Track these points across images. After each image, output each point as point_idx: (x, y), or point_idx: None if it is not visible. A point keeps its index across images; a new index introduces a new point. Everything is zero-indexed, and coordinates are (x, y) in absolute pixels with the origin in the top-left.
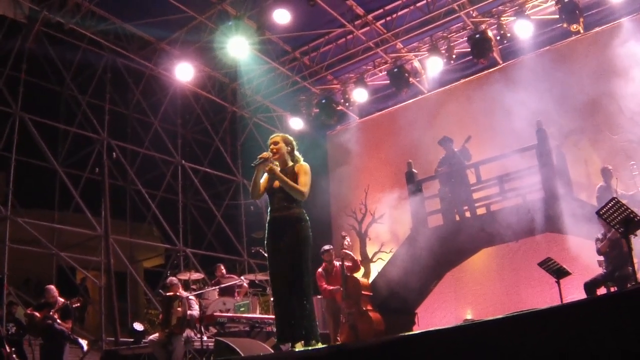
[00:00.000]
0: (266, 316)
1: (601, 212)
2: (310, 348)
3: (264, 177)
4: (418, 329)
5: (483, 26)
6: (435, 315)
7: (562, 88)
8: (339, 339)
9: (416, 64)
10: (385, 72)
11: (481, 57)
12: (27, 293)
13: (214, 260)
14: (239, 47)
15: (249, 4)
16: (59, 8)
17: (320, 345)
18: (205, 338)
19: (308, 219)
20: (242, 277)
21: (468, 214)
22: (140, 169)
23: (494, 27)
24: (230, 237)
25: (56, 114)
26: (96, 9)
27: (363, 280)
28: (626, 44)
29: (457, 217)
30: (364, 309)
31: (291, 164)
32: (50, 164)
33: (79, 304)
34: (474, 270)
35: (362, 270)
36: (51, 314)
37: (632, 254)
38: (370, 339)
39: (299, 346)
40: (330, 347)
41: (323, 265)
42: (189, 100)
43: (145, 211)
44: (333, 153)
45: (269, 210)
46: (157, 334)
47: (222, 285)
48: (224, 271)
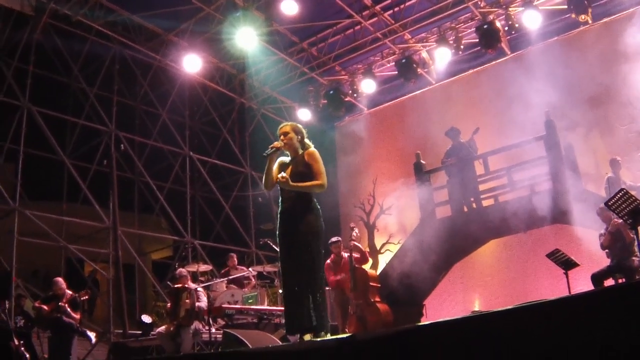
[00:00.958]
0: (274, 308)
1: (610, 203)
2: (319, 339)
3: (275, 167)
4: (426, 320)
5: (491, 17)
6: (443, 306)
7: (571, 79)
8: (347, 330)
9: (424, 54)
10: (393, 63)
11: (489, 47)
12: (36, 285)
13: (222, 252)
14: (246, 38)
15: None
16: (67, 0)
17: (329, 337)
18: (214, 330)
19: (320, 208)
20: (250, 269)
21: (474, 205)
22: (148, 161)
23: (502, 17)
24: (239, 229)
25: (64, 106)
26: (103, 1)
27: (371, 271)
28: (635, 35)
29: (465, 209)
30: (372, 300)
31: (301, 151)
32: (58, 156)
33: (87, 296)
34: (482, 262)
35: (370, 261)
36: (61, 306)
37: (634, 245)
38: (378, 330)
39: (307, 337)
40: (338, 339)
41: (331, 257)
42: (197, 91)
43: (153, 203)
44: (341, 144)
45: (280, 200)
46: (165, 326)
47: (230, 277)
48: (236, 261)
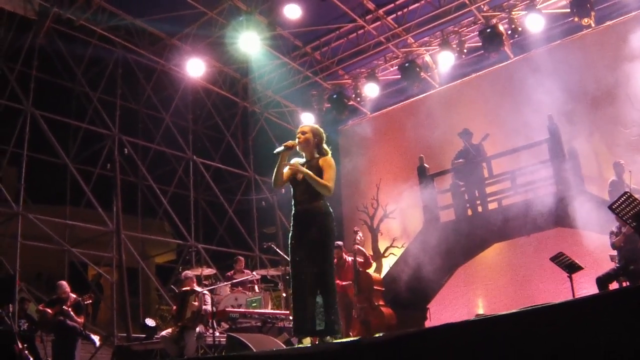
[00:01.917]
0: (278, 312)
1: (613, 207)
2: (324, 343)
3: (288, 169)
4: (430, 324)
5: (494, 20)
6: (447, 310)
7: (574, 82)
8: (350, 334)
9: (427, 58)
10: (397, 67)
11: (492, 51)
12: (39, 289)
13: (225, 256)
14: (250, 43)
15: None
16: (70, 4)
17: (334, 340)
18: (217, 333)
19: (332, 212)
20: (254, 273)
21: (480, 209)
22: (151, 165)
23: (505, 21)
24: (242, 233)
25: (67, 110)
26: (107, 5)
27: (375, 275)
28: (638, 38)
29: (469, 212)
30: (376, 304)
31: (317, 156)
32: (61, 160)
33: (90, 300)
34: (485, 265)
35: (374, 265)
36: (64, 309)
37: None
38: (382, 334)
39: (307, 341)
40: (343, 342)
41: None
42: (200, 95)
43: (156, 207)
44: (344, 148)
45: (293, 203)
46: (170, 330)
47: (233, 281)
48: (243, 265)
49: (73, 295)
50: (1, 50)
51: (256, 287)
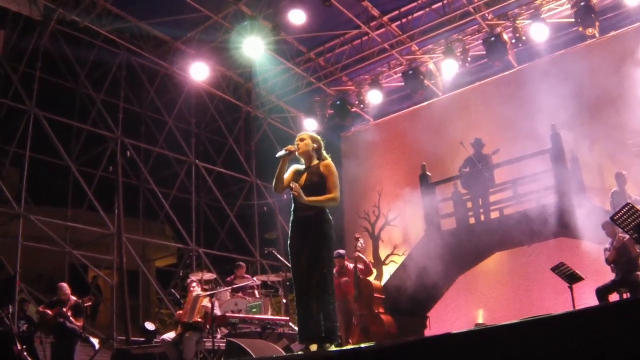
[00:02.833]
0: (278, 317)
1: (615, 218)
2: (323, 350)
3: (289, 172)
4: (430, 332)
5: (498, 29)
6: (447, 318)
7: (577, 92)
8: (350, 341)
9: (431, 66)
10: (400, 74)
11: (496, 59)
12: (39, 290)
13: (226, 261)
14: (254, 47)
15: (264, 4)
16: (74, 6)
17: (335, 347)
18: (217, 338)
19: (331, 219)
20: (254, 278)
21: (482, 218)
22: (153, 168)
23: (509, 30)
24: (243, 238)
25: (70, 111)
26: (111, 8)
27: (375, 282)
28: None
29: (471, 220)
30: (376, 311)
31: (317, 161)
32: (64, 161)
33: (90, 302)
34: (486, 274)
35: (374, 273)
36: (63, 311)
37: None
38: (382, 341)
39: (314, 347)
40: (342, 350)
41: (336, 268)
42: (204, 99)
43: (158, 210)
44: (347, 154)
45: (292, 209)
46: (172, 333)
47: (234, 286)
48: (244, 271)
49: (73, 298)
50: (5, 51)
51: (256, 293)
